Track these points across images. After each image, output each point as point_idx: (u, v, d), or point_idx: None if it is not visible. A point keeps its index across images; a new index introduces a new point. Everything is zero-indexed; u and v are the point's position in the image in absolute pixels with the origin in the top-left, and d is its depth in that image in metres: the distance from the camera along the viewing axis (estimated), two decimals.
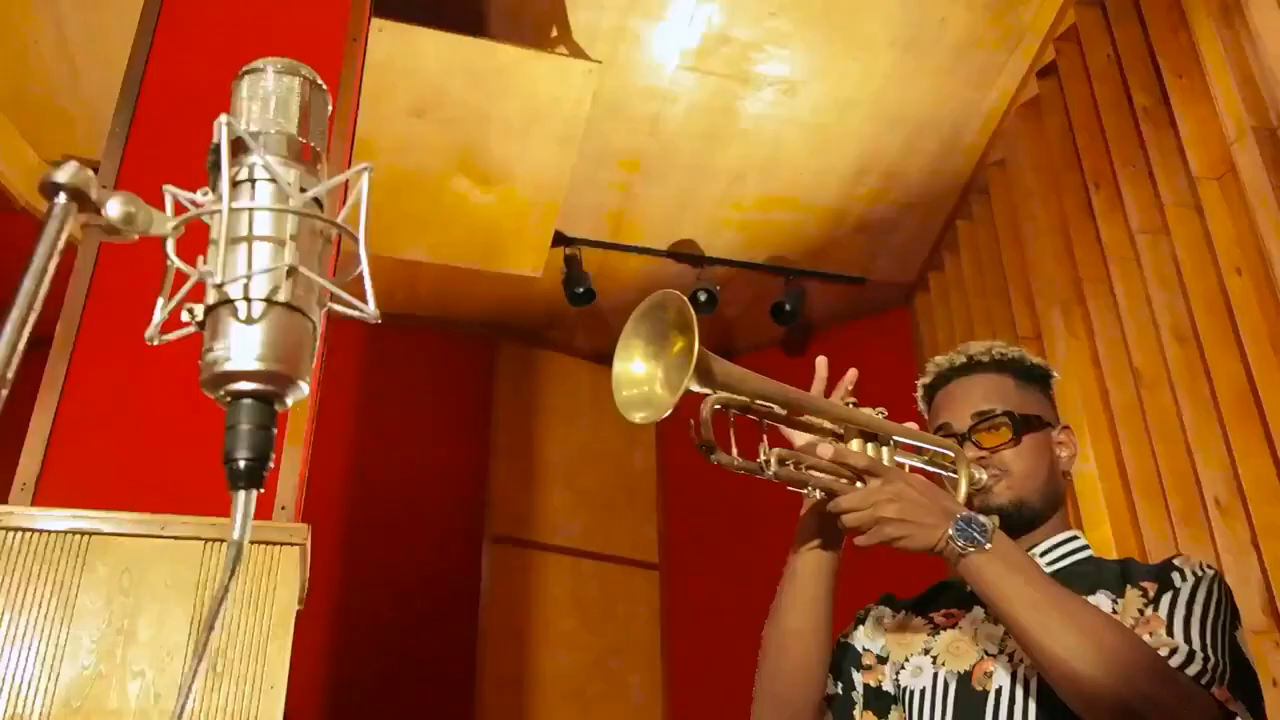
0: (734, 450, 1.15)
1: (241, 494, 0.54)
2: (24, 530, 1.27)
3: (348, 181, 0.63)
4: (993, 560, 1.13)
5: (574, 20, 3.35)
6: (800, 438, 1.25)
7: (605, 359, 1.16)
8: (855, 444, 1.23)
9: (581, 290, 4.03)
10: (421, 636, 4.09)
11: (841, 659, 1.35)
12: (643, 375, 1.13)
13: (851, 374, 1.31)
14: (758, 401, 1.19)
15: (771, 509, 2.05)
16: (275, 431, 0.56)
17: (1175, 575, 1.18)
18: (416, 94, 3.21)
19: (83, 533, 1.26)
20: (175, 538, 1.28)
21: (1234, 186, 2.59)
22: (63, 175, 0.51)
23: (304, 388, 0.57)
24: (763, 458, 1.15)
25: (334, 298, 0.61)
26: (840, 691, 1.32)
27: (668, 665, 4.47)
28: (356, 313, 0.60)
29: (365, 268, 0.60)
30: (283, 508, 1.43)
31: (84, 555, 1.26)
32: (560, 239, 4.03)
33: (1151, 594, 1.18)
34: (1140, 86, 3.02)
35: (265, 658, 1.25)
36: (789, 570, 1.29)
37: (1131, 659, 1.06)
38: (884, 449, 1.25)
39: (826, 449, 1.19)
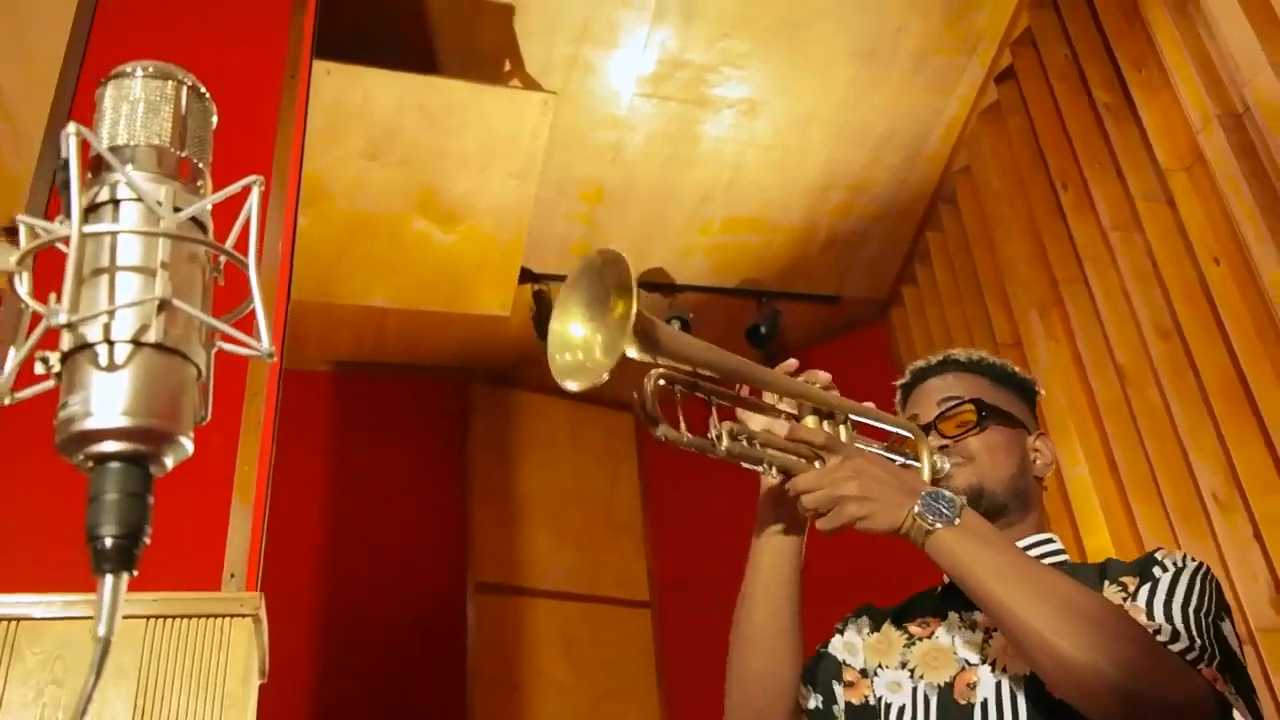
0: (683, 428, 1.08)
1: (109, 579, 0.45)
2: None
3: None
4: (962, 536, 1.06)
5: (526, 52, 3.29)
6: (755, 420, 1.20)
7: (582, 395, 1.07)
8: (810, 421, 1.17)
9: None
10: (409, 694, 3.95)
11: (821, 669, 1.28)
12: (580, 339, 1.06)
13: (823, 375, 1.23)
14: (706, 381, 1.13)
15: None
16: (151, 500, 0.47)
17: (1156, 569, 1.12)
18: (369, 136, 3.14)
19: (10, 619, 1.15)
20: None
21: (1204, 176, 2.55)
22: None
23: (186, 445, 0.48)
24: (713, 432, 1.09)
25: (223, 335, 0.52)
26: (820, 705, 1.25)
27: (666, 705, 4.34)
28: (248, 350, 0.51)
29: (257, 298, 0.51)
30: (232, 576, 1.32)
31: (12, 643, 1.14)
32: (527, 275, 3.94)
33: (1132, 588, 1.11)
34: (1100, 83, 2.99)
35: None
36: (751, 563, 1.23)
37: (1115, 629, 0.99)
38: (841, 428, 1.19)
39: (781, 426, 1.14)
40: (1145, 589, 1.09)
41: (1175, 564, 1.12)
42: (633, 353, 1.02)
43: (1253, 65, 2.40)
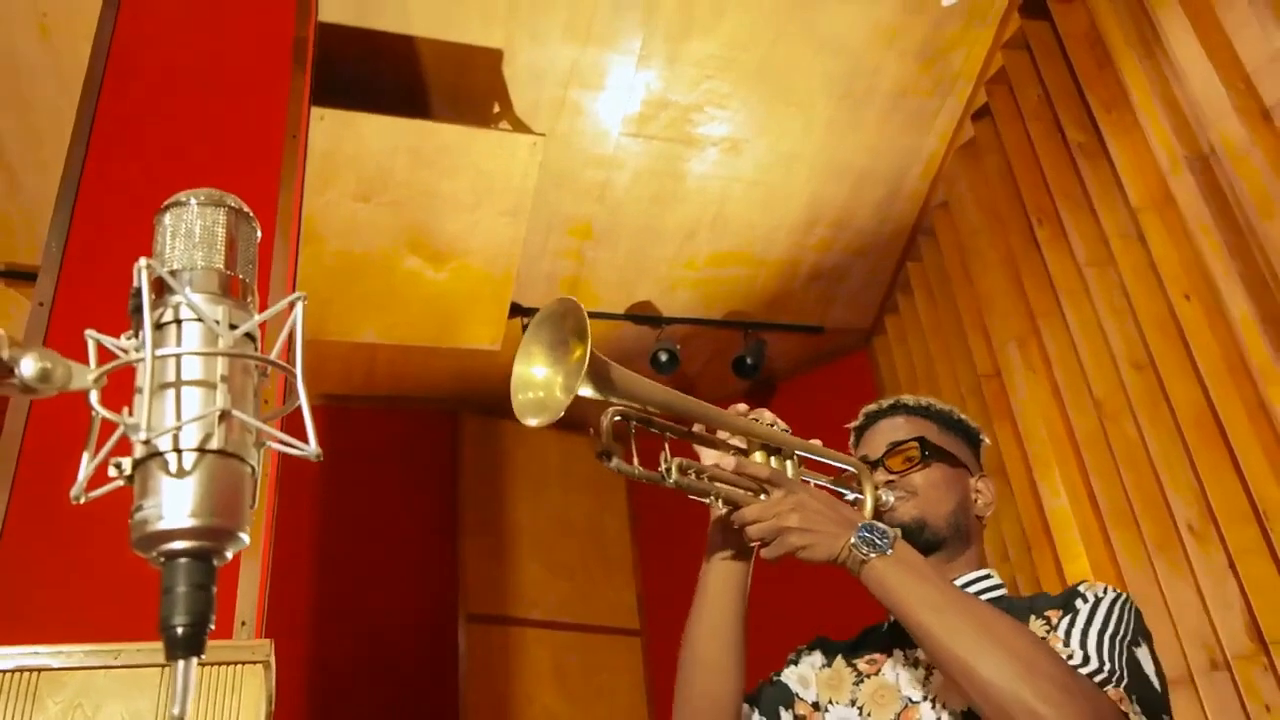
0: (635, 461, 1.16)
1: (181, 664, 0.50)
2: None
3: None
4: (894, 565, 1.14)
5: (515, 95, 3.37)
6: (706, 454, 1.27)
7: (572, 426, 1.14)
8: (758, 456, 1.25)
9: None
10: None
11: (767, 694, 1.34)
12: (541, 380, 1.13)
13: (768, 414, 1.31)
14: (660, 418, 1.20)
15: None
16: (215, 589, 0.53)
17: (1078, 600, 1.20)
18: (362, 178, 3.20)
19: (32, 669, 1.20)
20: (129, 666, 1.22)
21: (1174, 215, 2.64)
22: None
23: (244, 538, 0.54)
24: (664, 465, 1.16)
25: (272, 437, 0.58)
26: None
27: None
28: (297, 451, 0.57)
29: (304, 403, 0.58)
30: (243, 623, 1.37)
31: (34, 693, 1.19)
32: (517, 309, 4.01)
33: (1055, 620, 1.20)
34: (1072, 123, 3.09)
35: None
36: (699, 588, 1.30)
37: (1033, 656, 1.06)
38: (787, 463, 1.26)
39: (729, 460, 1.21)
40: (1066, 620, 1.18)
41: (1096, 595, 1.20)
42: (588, 392, 1.10)
43: (1218, 109, 2.50)
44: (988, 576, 1.36)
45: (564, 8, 3.17)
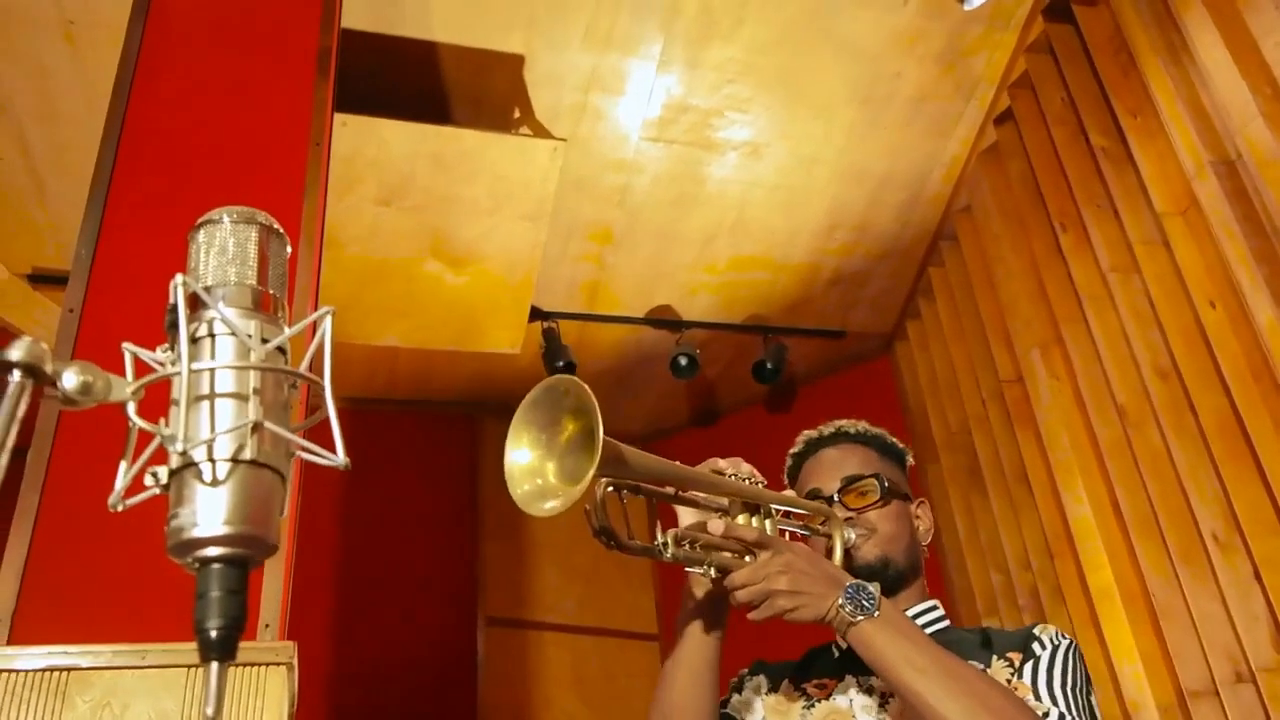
0: (627, 534, 1.17)
1: (215, 666, 0.51)
2: (0, 671, 1.23)
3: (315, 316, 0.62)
4: (881, 627, 1.17)
5: (535, 100, 3.39)
6: (687, 515, 1.28)
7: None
8: (741, 518, 1.26)
9: (561, 364, 4.02)
10: None
11: None
12: (532, 465, 1.11)
13: (746, 466, 1.33)
14: (646, 483, 1.21)
15: None
16: (247, 594, 0.54)
17: (1036, 645, 1.26)
18: (383, 183, 3.23)
19: (61, 669, 1.22)
20: (156, 666, 1.24)
21: (1199, 221, 2.62)
22: (16, 353, 0.50)
23: (275, 545, 0.56)
24: (660, 540, 1.17)
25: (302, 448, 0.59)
26: None
27: None
28: (325, 461, 0.58)
29: (333, 414, 0.59)
30: (267, 625, 1.39)
31: (64, 692, 1.21)
32: (537, 313, 4.03)
33: (1017, 664, 1.25)
34: (1096, 127, 3.07)
35: None
36: (678, 642, 1.31)
37: (1015, 718, 1.11)
38: (766, 520, 1.28)
39: (716, 525, 1.22)
40: (1029, 667, 1.24)
41: (1052, 641, 1.27)
42: (594, 472, 1.08)
43: (1244, 114, 2.48)
44: (934, 608, 1.40)
45: (584, 13, 3.18)
